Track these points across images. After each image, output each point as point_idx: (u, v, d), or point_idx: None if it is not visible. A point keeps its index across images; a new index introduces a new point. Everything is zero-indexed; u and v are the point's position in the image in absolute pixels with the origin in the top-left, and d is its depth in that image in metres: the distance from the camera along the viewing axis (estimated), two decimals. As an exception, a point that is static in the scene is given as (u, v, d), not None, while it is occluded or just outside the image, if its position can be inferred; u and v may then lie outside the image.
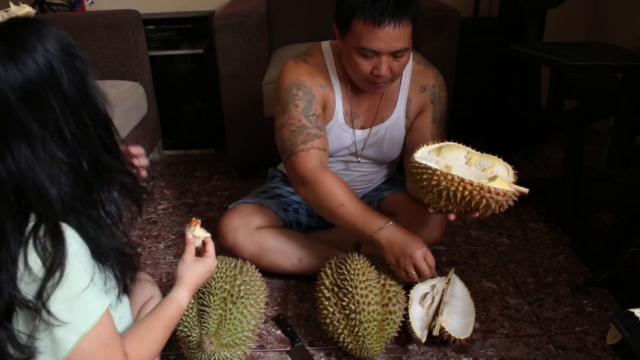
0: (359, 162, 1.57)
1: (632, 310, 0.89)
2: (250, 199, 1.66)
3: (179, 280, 1.07)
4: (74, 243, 0.79)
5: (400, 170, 1.68)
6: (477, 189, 1.02)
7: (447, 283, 1.43)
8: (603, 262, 1.58)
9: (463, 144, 1.19)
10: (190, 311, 1.21)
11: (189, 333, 1.19)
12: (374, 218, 1.30)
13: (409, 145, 1.53)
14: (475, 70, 2.43)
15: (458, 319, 1.36)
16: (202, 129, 2.59)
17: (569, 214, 1.83)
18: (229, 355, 1.20)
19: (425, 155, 1.13)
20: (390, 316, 1.25)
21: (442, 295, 1.39)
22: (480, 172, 1.10)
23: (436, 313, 1.34)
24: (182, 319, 1.21)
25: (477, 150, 1.19)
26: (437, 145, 1.16)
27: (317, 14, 2.41)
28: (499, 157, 1.16)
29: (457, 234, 1.85)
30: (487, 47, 2.41)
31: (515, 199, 1.08)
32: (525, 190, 1.06)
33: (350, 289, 1.23)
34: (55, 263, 0.76)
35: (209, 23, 2.61)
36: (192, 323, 1.19)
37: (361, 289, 1.23)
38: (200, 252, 1.16)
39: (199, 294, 1.22)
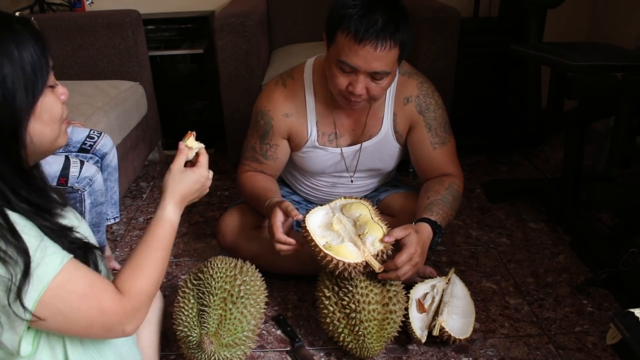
0: (352, 178, 1.59)
1: (632, 310, 0.89)
2: (250, 199, 1.67)
3: (163, 193, 0.96)
4: (17, 220, 0.74)
5: (399, 170, 1.68)
6: (329, 257, 1.20)
7: (447, 283, 1.43)
8: (603, 262, 1.58)
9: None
10: (190, 311, 1.21)
11: (189, 333, 1.19)
12: (271, 194, 1.45)
13: (416, 164, 1.54)
14: (475, 70, 2.43)
15: (458, 319, 1.36)
16: (202, 129, 2.58)
17: (569, 214, 1.83)
18: (229, 355, 1.20)
19: (320, 216, 1.32)
20: (391, 316, 1.25)
21: (442, 295, 1.39)
22: (357, 236, 1.26)
23: (436, 313, 1.34)
24: (182, 319, 1.21)
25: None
26: (345, 201, 1.34)
27: (317, 14, 2.41)
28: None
29: (457, 234, 1.85)
30: (487, 47, 2.41)
31: (362, 270, 1.22)
32: (376, 266, 1.21)
33: (351, 288, 1.23)
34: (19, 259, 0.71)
35: (209, 23, 2.61)
36: (192, 323, 1.19)
37: (361, 288, 1.23)
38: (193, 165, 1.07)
39: (199, 294, 1.22)
